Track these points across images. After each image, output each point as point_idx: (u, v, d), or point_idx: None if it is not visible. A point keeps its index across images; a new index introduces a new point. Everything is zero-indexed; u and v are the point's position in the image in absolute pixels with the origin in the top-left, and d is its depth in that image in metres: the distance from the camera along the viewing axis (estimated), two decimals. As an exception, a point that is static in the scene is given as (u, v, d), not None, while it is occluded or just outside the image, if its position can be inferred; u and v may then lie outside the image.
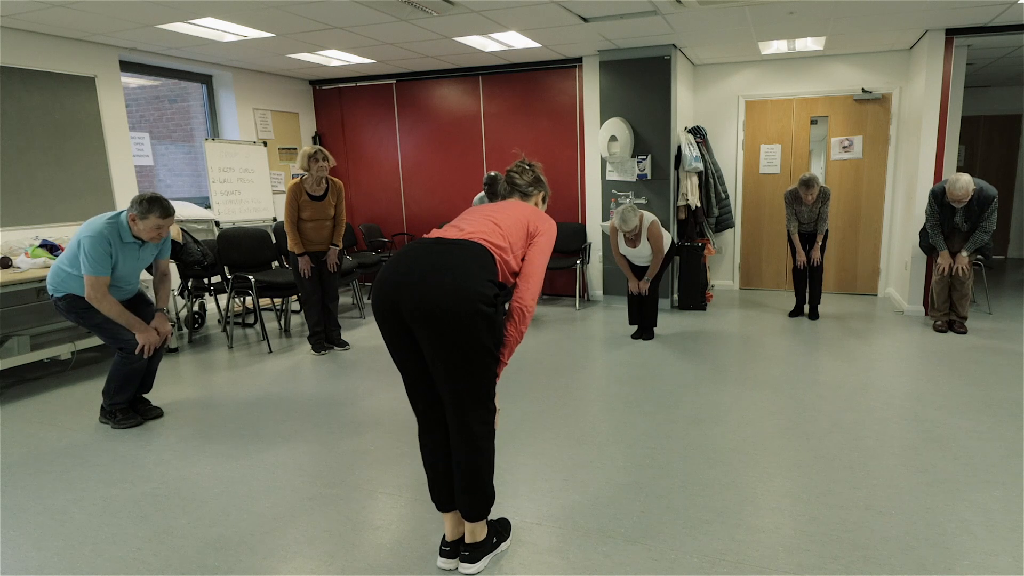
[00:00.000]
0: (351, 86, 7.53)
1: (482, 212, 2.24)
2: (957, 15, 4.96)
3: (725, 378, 4.21)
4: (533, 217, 2.26)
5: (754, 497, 2.67)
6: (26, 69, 4.80)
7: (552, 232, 2.28)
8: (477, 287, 1.95)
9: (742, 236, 7.19)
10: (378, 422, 3.59)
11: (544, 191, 2.48)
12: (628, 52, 6.06)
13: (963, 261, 5.00)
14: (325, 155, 4.65)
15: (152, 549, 2.41)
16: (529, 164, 2.47)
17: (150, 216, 3.29)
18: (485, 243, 2.07)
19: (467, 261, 1.99)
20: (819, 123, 6.78)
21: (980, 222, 4.92)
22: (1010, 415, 3.46)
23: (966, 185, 4.76)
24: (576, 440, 3.28)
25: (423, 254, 2.02)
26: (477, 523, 2.21)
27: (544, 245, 2.23)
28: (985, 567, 2.17)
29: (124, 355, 3.52)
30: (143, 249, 3.50)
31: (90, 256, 3.25)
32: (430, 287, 1.93)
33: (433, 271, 1.95)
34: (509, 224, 2.17)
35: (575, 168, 6.84)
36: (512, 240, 2.14)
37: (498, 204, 2.31)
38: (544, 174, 2.50)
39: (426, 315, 1.93)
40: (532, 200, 2.45)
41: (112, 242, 3.31)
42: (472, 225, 2.15)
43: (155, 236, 3.37)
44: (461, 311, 1.92)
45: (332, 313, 5.07)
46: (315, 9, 4.42)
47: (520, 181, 2.42)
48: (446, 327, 1.94)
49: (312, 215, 4.74)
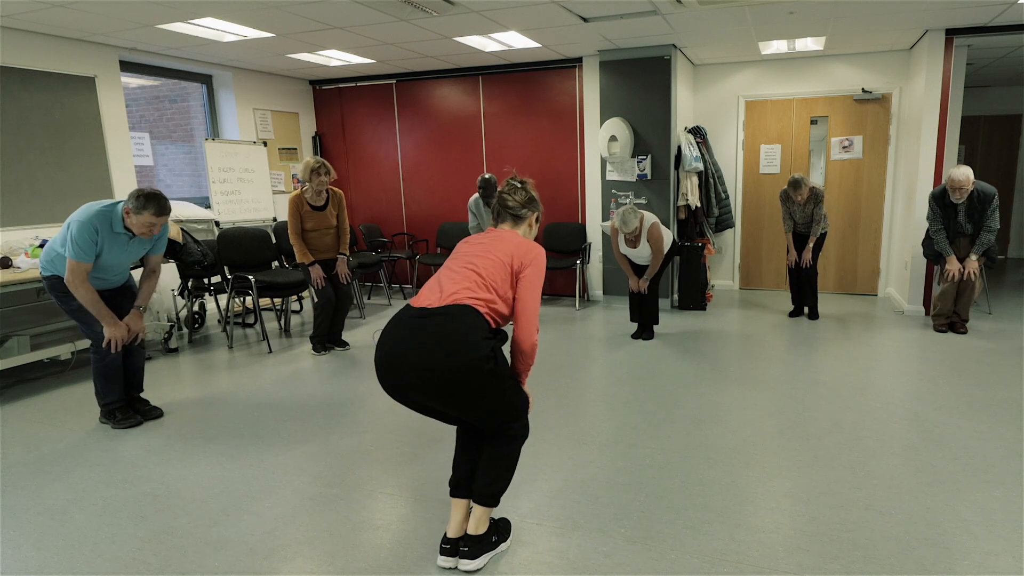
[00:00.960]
0: (351, 86, 7.53)
1: (462, 261, 2.21)
2: (957, 15, 4.96)
3: (725, 378, 4.21)
4: (517, 252, 2.21)
5: (754, 497, 2.67)
6: (26, 69, 4.81)
7: (540, 262, 2.23)
8: (472, 352, 2.02)
9: (742, 236, 7.19)
10: (378, 422, 3.59)
11: (537, 211, 2.41)
12: (628, 52, 6.06)
13: (973, 265, 4.94)
14: (328, 169, 4.68)
15: (152, 549, 2.41)
16: (521, 182, 2.38)
17: (144, 212, 3.27)
18: (470, 301, 2.09)
19: (457, 329, 2.03)
20: (819, 123, 6.78)
21: (984, 221, 4.90)
22: (1010, 415, 3.46)
23: (966, 172, 4.75)
24: (576, 440, 3.28)
25: (415, 332, 2.05)
26: (484, 514, 2.26)
27: (533, 279, 2.20)
28: (985, 567, 2.17)
29: (95, 348, 3.52)
30: (133, 242, 3.46)
31: (75, 241, 3.24)
32: (431, 368, 2.01)
33: (429, 352, 2.01)
34: (491, 271, 2.16)
35: (575, 168, 6.84)
36: (496, 286, 2.16)
37: (481, 245, 2.26)
38: (536, 190, 2.43)
39: (436, 391, 2.04)
40: (525, 223, 2.38)
41: (100, 230, 3.29)
42: (453, 283, 2.14)
43: (146, 232, 3.34)
44: (467, 379, 2.02)
45: (341, 314, 5.09)
46: (315, 9, 4.42)
47: (512, 203, 2.34)
48: (456, 395, 2.04)
49: (315, 225, 4.80)
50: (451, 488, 2.31)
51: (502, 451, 2.23)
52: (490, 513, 2.28)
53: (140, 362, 3.77)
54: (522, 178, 2.39)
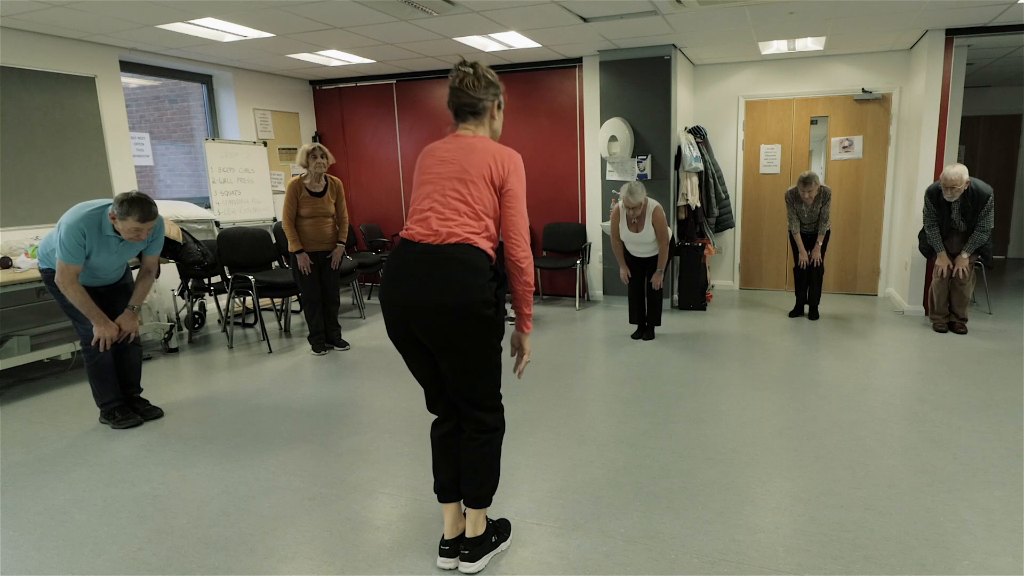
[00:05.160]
0: (351, 86, 7.53)
1: (447, 187, 2.07)
2: (957, 15, 4.96)
3: (725, 378, 4.21)
4: (494, 164, 2.07)
5: (754, 497, 2.67)
6: (26, 69, 4.80)
7: (520, 168, 2.11)
8: (478, 295, 2.00)
9: (742, 236, 7.19)
10: (378, 422, 3.59)
11: (498, 96, 2.17)
12: (628, 52, 6.06)
13: (963, 263, 4.98)
14: (324, 152, 4.71)
15: (152, 549, 2.41)
16: (471, 65, 2.11)
17: (128, 218, 3.22)
18: (470, 238, 2.04)
19: (462, 272, 2.01)
20: (819, 123, 6.78)
21: (977, 221, 4.91)
22: (1010, 415, 3.46)
23: (960, 171, 4.76)
24: (576, 440, 3.28)
25: (420, 270, 2.03)
26: (479, 515, 2.24)
27: (517, 190, 2.10)
28: (985, 567, 2.17)
29: (85, 347, 3.52)
30: (124, 244, 3.45)
31: (64, 244, 3.24)
32: (438, 307, 2.00)
33: (437, 292, 2.00)
34: (478, 195, 2.06)
35: (575, 168, 6.84)
36: (487, 209, 2.08)
37: (455, 164, 2.09)
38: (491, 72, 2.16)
39: (437, 330, 2.02)
40: (487, 115, 2.16)
41: (87, 233, 3.27)
42: (447, 220, 2.05)
43: (133, 237, 3.30)
44: (469, 324, 2.01)
45: (332, 314, 5.08)
46: (315, 9, 4.42)
47: (469, 93, 2.09)
48: (456, 337, 2.03)
49: (312, 212, 4.77)
50: (438, 495, 2.28)
51: (482, 451, 2.18)
52: (485, 514, 2.26)
53: (136, 360, 3.77)
54: (471, 62, 2.13)
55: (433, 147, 2.18)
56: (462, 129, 2.16)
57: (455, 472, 2.25)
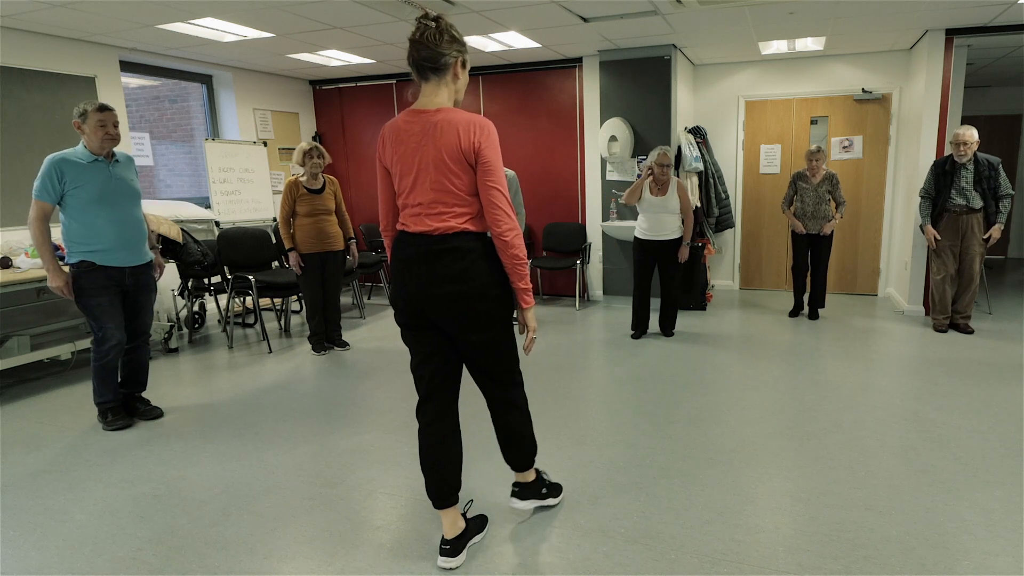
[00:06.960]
0: (351, 86, 7.53)
1: (425, 178, 2.02)
2: (957, 15, 4.96)
3: (725, 378, 4.21)
4: (463, 136, 1.98)
5: (754, 497, 2.67)
6: (26, 69, 4.80)
7: (492, 135, 2.02)
8: (483, 279, 2.08)
9: (742, 236, 7.19)
10: (378, 422, 3.59)
11: (462, 52, 2.05)
12: (628, 52, 6.06)
13: (997, 232, 4.96)
14: (321, 152, 4.76)
15: (152, 549, 2.41)
16: (435, 19, 2.01)
17: (89, 114, 3.27)
18: (464, 227, 2.06)
19: (463, 262, 2.06)
20: (819, 123, 6.78)
21: (996, 191, 4.90)
22: (1010, 415, 3.46)
23: (973, 130, 4.83)
24: (576, 440, 3.28)
25: (424, 267, 2.07)
26: (527, 475, 2.50)
27: (492, 161, 2.01)
28: (985, 567, 2.17)
29: (97, 347, 3.51)
30: (115, 167, 3.42)
31: (39, 180, 3.27)
32: (447, 295, 2.07)
33: (445, 282, 2.06)
34: (458, 179, 2.02)
35: (575, 168, 6.84)
36: (469, 188, 2.04)
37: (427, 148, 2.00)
38: (455, 28, 2.06)
39: (451, 316, 2.10)
40: (450, 72, 2.04)
41: (63, 168, 3.26)
42: (434, 207, 2.03)
43: (105, 135, 3.31)
44: (481, 306, 2.10)
45: (332, 318, 5.08)
46: (315, 9, 4.42)
47: (428, 48, 1.98)
48: (470, 319, 2.11)
49: (311, 209, 4.78)
50: (435, 501, 2.23)
51: (514, 425, 2.34)
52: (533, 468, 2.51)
53: (145, 359, 3.77)
54: (433, 13, 2.02)
55: (397, 128, 2.06)
56: (423, 96, 2.05)
57: (452, 477, 2.23)
